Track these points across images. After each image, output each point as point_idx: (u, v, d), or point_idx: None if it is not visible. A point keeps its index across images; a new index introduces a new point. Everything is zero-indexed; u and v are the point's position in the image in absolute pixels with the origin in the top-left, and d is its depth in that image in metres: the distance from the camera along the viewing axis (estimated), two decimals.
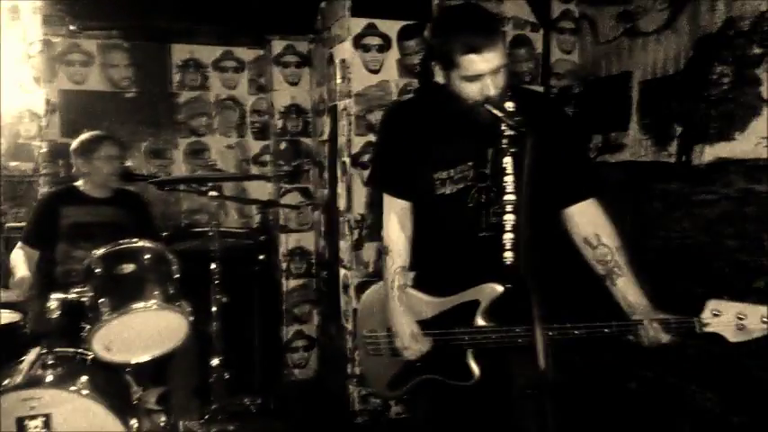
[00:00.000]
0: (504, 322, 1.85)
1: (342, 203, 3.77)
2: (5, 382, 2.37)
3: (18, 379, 2.37)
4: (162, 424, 3.06)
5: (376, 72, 3.56)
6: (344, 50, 3.57)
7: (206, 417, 3.15)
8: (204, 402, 3.22)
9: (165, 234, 3.68)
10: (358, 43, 3.52)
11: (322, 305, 4.44)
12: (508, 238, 1.87)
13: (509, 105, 1.79)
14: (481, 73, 1.74)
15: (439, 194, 1.93)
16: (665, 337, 1.72)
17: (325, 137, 4.08)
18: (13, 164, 4.02)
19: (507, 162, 1.86)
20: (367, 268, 3.65)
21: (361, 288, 3.54)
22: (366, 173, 3.50)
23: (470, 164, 1.90)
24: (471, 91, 1.78)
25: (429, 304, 1.98)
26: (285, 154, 4.39)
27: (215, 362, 3.08)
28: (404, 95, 3.58)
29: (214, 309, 3.10)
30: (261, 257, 4.02)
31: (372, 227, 3.61)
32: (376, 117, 3.52)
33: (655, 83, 3.24)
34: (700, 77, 2.96)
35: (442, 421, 2.02)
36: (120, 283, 2.58)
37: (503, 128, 1.83)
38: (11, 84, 3.94)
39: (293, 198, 4.41)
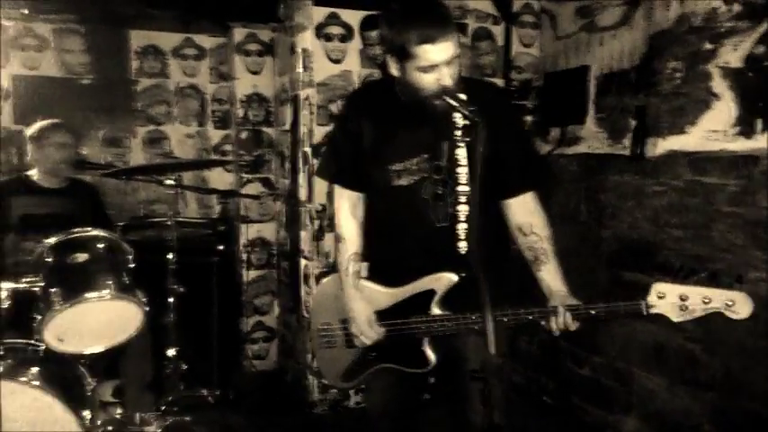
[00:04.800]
0: (457, 310, 1.88)
1: (303, 194, 3.75)
2: None
3: None
4: (118, 416, 3.03)
5: (338, 62, 3.54)
6: (306, 40, 3.55)
7: (162, 408, 3.11)
8: (159, 394, 3.19)
9: (120, 224, 3.62)
10: (320, 33, 3.50)
11: (282, 296, 4.42)
12: (462, 228, 1.90)
13: (462, 96, 1.81)
14: (436, 63, 1.75)
15: (394, 186, 1.94)
16: (573, 325, 1.79)
17: (287, 126, 4.06)
18: None
19: (460, 153, 1.88)
20: (327, 259, 3.64)
21: (321, 279, 3.53)
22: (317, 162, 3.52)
23: (426, 156, 1.92)
24: (427, 82, 1.79)
25: (385, 295, 1.99)
26: (246, 143, 4.35)
27: (171, 353, 3.04)
28: (359, 86, 3.57)
29: (170, 299, 3.06)
30: (220, 248, 3.98)
31: (332, 217, 3.60)
32: (338, 107, 3.51)
33: (610, 77, 3.31)
34: (653, 72, 3.03)
35: (398, 409, 2.04)
36: (72, 273, 2.53)
37: (456, 118, 1.85)
38: None
39: (254, 188, 4.37)
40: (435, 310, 1.91)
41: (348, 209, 2.03)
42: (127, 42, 4.27)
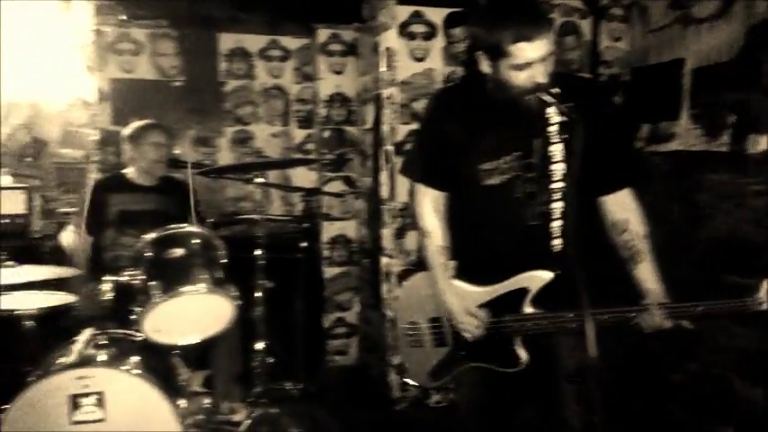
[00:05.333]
0: (550, 309, 1.85)
1: (384, 192, 3.78)
2: (60, 360, 2.45)
3: (72, 358, 2.45)
4: (207, 406, 3.13)
5: (421, 60, 3.55)
6: (390, 38, 3.57)
7: (249, 400, 3.20)
8: (247, 386, 3.27)
9: (210, 221, 3.75)
10: (403, 31, 3.52)
11: (363, 293, 4.46)
12: (556, 225, 1.87)
13: (557, 92, 1.77)
14: (531, 61, 1.73)
15: (485, 185, 1.92)
16: (666, 323, 1.76)
17: (369, 125, 4.09)
18: (64, 151, 4.14)
19: (555, 150, 1.85)
20: (409, 256, 3.65)
21: (403, 276, 3.55)
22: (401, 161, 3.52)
23: (517, 154, 1.89)
24: (520, 79, 1.77)
25: (474, 294, 1.98)
26: (329, 142, 4.42)
27: (259, 346, 3.11)
28: (446, 84, 3.56)
29: (258, 294, 3.14)
30: (304, 244, 4.05)
31: (414, 215, 3.60)
32: (420, 105, 3.51)
33: (707, 71, 3.15)
34: (754, 65, 2.86)
35: (489, 408, 2.02)
36: (169, 267, 2.63)
37: (550, 115, 1.82)
38: (64, 73, 4.05)
39: (336, 186, 4.44)
40: (528, 309, 1.89)
41: (431, 205, 2.03)
42: (216, 45, 4.42)
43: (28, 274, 2.75)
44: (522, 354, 1.91)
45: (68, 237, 3.28)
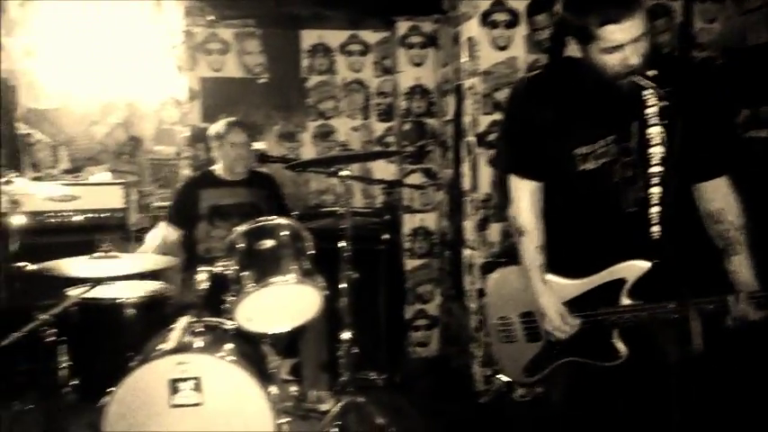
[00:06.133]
0: (648, 299, 1.79)
1: (466, 183, 3.76)
2: (160, 346, 2.57)
3: (171, 344, 2.56)
4: (294, 393, 3.22)
5: (504, 49, 3.49)
6: (472, 28, 3.54)
7: (336, 388, 3.26)
8: (333, 375, 3.34)
9: (296, 213, 3.84)
10: (485, 20, 3.47)
11: (444, 285, 4.46)
12: (655, 211, 1.80)
13: (653, 74, 1.71)
14: (621, 43, 1.68)
15: (580, 171, 1.87)
16: (754, 314, 1.69)
17: (450, 117, 4.07)
18: (157, 148, 4.33)
19: (653, 133, 1.78)
20: (492, 248, 3.62)
21: (485, 268, 3.52)
22: (491, 153, 3.48)
23: (612, 137, 1.84)
24: (612, 62, 1.72)
25: (569, 286, 1.94)
26: (409, 135, 4.43)
27: (345, 336, 3.16)
28: (532, 72, 3.48)
29: (344, 285, 3.18)
30: (385, 236, 4.09)
31: (498, 206, 3.57)
32: (503, 95, 3.46)
33: None
34: None
35: (586, 403, 1.98)
36: (260, 258, 2.71)
37: (647, 98, 1.75)
38: (156, 73, 4.24)
39: (417, 178, 4.45)
40: (625, 300, 1.84)
41: (528, 199, 1.97)
42: (298, 42, 4.52)
43: (128, 265, 2.90)
44: (621, 347, 1.86)
45: (160, 231, 3.42)
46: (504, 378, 2.21)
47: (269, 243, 2.74)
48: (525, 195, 1.98)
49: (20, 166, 4.07)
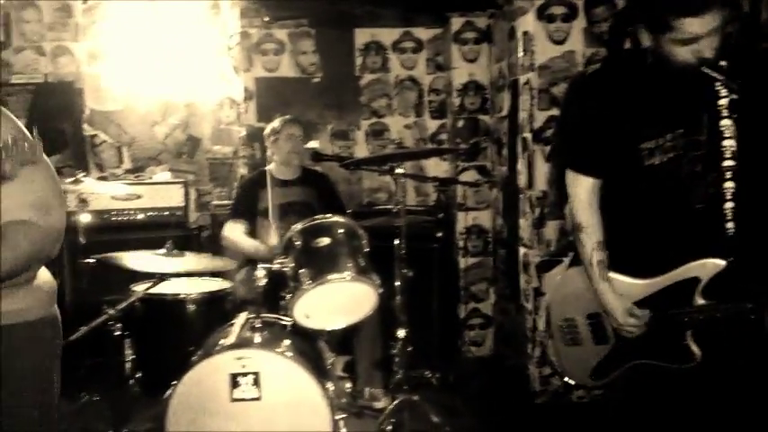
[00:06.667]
0: (723, 299, 1.73)
1: (522, 180, 3.70)
2: (220, 341, 2.62)
3: (231, 339, 2.61)
4: (348, 390, 3.24)
5: (561, 43, 3.43)
6: (528, 22, 3.48)
7: (390, 386, 3.27)
8: (387, 372, 3.34)
9: (349, 211, 3.86)
10: (542, 14, 3.42)
11: (499, 284, 4.41)
12: (729, 207, 1.73)
13: (725, 66, 1.65)
14: (698, 35, 1.63)
15: (646, 166, 1.82)
16: None
17: (505, 113, 4.03)
18: (215, 147, 4.43)
19: (725, 126, 1.71)
20: (548, 247, 3.56)
21: (541, 267, 3.47)
22: (549, 149, 3.43)
23: (681, 131, 1.78)
24: (684, 54, 1.67)
25: (636, 286, 1.88)
26: (462, 131, 4.39)
27: (401, 334, 3.16)
28: (591, 66, 3.42)
29: (398, 283, 3.18)
30: (439, 235, 4.07)
31: (554, 204, 3.51)
32: (560, 90, 3.40)
33: None
34: None
35: (653, 407, 1.92)
36: (316, 256, 2.74)
37: (718, 89, 1.69)
38: (213, 74, 4.33)
39: (470, 176, 4.41)
40: (699, 300, 1.77)
41: (586, 196, 1.93)
42: (352, 40, 4.54)
43: (190, 262, 2.97)
44: (696, 349, 1.80)
45: (234, 228, 3.47)
46: (570, 381, 2.14)
47: (325, 241, 2.77)
48: (583, 191, 1.94)
49: (86, 166, 4.22)
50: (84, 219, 3.22)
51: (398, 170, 3.00)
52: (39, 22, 4.24)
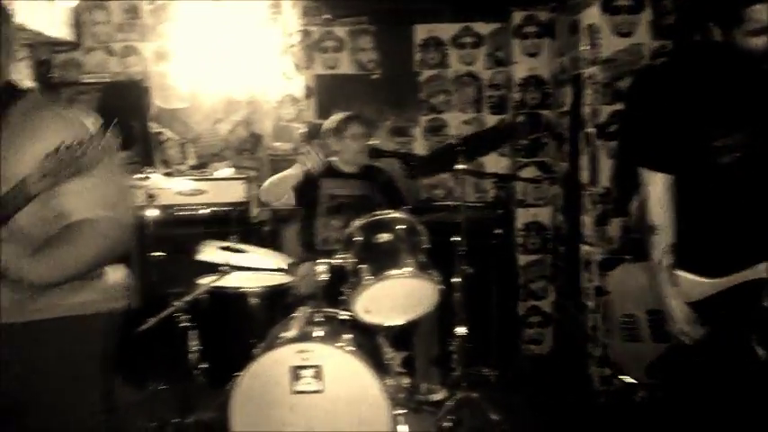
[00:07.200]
0: None
1: (585, 177, 3.63)
2: (282, 334, 2.67)
3: (292, 333, 2.65)
4: (406, 386, 3.24)
5: (627, 35, 3.34)
6: (592, 15, 3.40)
7: (447, 382, 3.26)
8: (444, 369, 3.33)
9: (407, 207, 3.86)
10: (607, 6, 3.33)
11: (558, 282, 4.34)
12: None
13: None
14: None
15: (717, 163, 1.76)
16: None
17: (566, 108, 3.95)
18: (276, 144, 4.50)
19: None
20: (611, 245, 3.47)
21: (605, 265, 3.39)
22: (612, 144, 3.34)
23: (753, 127, 1.71)
24: (759, 45, 1.61)
25: (703, 285, 1.83)
26: (522, 127, 4.33)
27: (461, 331, 3.15)
28: (657, 59, 3.31)
29: (458, 279, 3.17)
30: (498, 231, 4.03)
31: (617, 201, 3.42)
32: (625, 84, 3.31)
33: None
34: None
35: (716, 409, 1.86)
36: (376, 251, 2.75)
37: None
38: (275, 72, 4.41)
39: (530, 172, 4.35)
40: (766, 302, 1.71)
41: (660, 195, 1.86)
42: (411, 37, 4.53)
43: (253, 256, 3.04)
44: (761, 352, 1.74)
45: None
46: (627, 379, 2.11)
47: (385, 236, 2.78)
48: (658, 190, 1.87)
49: (152, 162, 4.36)
50: (152, 213, 3.32)
51: (460, 165, 2.98)
52: (108, 23, 4.41)
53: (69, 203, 1.55)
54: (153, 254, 3.27)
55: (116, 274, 1.75)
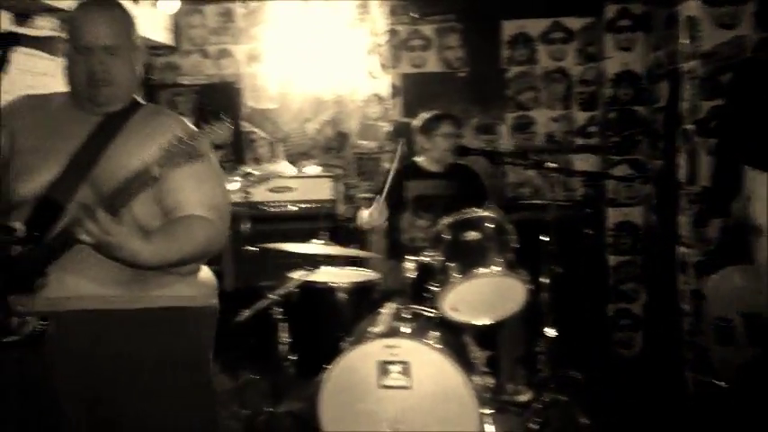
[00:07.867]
0: None
1: (682, 175, 3.48)
2: (370, 329, 2.71)
3: (380, 328, 2.69)
4: (491, 385, 3.22)
5: (730, 27, 3.18)
6: (692, 7, 3.26)
7: (533, 383, 3.21)
8: (530, 369, 3.28)
9: (492, 206, 3.82)
10: None
11: (650, 284, 4.18)
12: None
13: None
14: None
15: None
16: None
17: (662, 103, 3.80)
18: (362, 142, 4.57)
19: None
20: (709, 246, 3.32)
21: (700, 267, 3.25)
22: (713, 141, 3.19)
23: None
24: None
25: None
26: (614, 124, 4.21)
27: (548, 331, 3.09)
28: (761, 52, 3.13)
29: (546, 279, 3.12)
30: (587, 231, 3.93)
31: (718, 201, 3.26)
32: (727, 78, 3.15)
33: None
34: None
35: None
36: (465, 249, 2.75)
37: None
38: (362, 72, 4.48)
39: (621, 170, 4.22)
40: None
41: (767, 195, 1.79)
42: (498, 33, 4.48)
43: (342, 253, 3.10)
44: None
45: (366, 214, 3.55)
46: (719, 383, 2.03)
47: (474, 235, 2.77)
48: (764, 189, 1.79)
49: (244, 160, 4.53)
50: (246, 210, 3.45)
51: (549, 164, 2.93)
52: (203, 27, 4.60)
53: (180, 198, 1.67)
54: (247, 248, 3.39)
55: (207, 273, 1.85)
